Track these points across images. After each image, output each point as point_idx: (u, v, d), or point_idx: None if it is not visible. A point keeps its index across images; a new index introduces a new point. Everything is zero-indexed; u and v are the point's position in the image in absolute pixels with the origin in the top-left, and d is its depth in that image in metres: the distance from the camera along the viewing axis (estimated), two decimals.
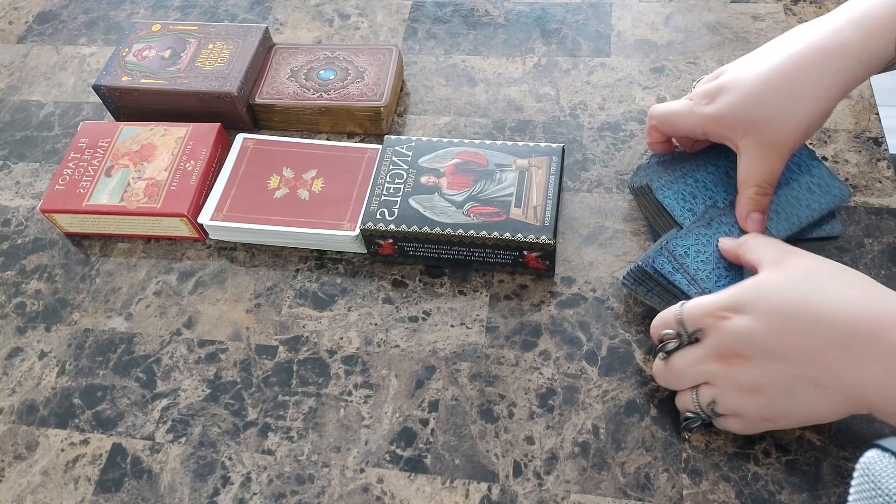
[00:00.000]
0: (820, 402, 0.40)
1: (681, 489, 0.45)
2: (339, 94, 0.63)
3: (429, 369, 0.51)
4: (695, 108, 0.49)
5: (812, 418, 0.42)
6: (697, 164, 0.53)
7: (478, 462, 0.47)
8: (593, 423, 0.48)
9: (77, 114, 0.70)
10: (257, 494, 0.47)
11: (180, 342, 0.54)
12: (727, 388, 0.43)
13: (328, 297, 0.55)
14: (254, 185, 0.59)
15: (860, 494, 0.35)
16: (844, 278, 0.41)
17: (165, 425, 0.51)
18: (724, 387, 0.43)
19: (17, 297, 0.58)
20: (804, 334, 0.39)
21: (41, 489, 0.49)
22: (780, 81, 0.45)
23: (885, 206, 0.55)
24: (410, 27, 0.72)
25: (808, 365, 0.39)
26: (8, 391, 0.53)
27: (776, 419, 0.43)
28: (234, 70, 0.64)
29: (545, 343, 0.52)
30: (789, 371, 0.40)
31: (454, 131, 0.64)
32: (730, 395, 0.43)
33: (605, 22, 0.70)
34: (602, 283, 0.54)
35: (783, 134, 0.46)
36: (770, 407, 0.42)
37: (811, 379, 0.40)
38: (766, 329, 0.40)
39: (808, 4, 0.68)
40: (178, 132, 0.62)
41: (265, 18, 0.75)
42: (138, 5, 0.78)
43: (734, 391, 0.42)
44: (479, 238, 0.52)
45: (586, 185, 0.59)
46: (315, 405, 0.51)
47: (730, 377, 0.42)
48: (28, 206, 0.64)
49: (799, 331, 0.39)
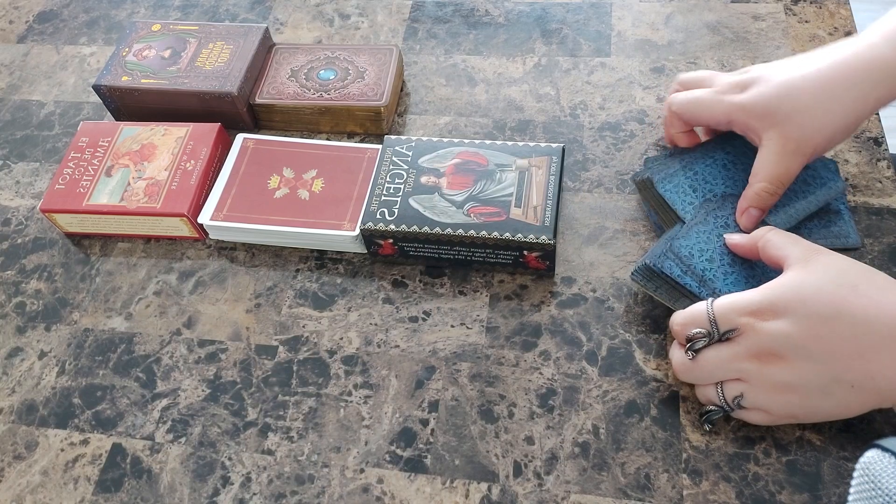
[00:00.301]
0: (853, 401, 0.41)
1: (681, 489, 0.45)
2: (340, 94, 0.63)
3: (429, 369, 0.51)
4: (723, 96, 0.49)
5: (840, 415, 0.42)
6: (696, 156, 0.53)
7: (478, 462, 0.47)
8: (593, 423, 0.48)
9: (77, 113, 0.70)
10: (257, 494, 0.47)
11: (180, 342, 0.54)
12: (760, 386, 0.42)
13: (328, 297, 0.55)
14: (254, 185, 0.59)
15: (860, 494, 0.35)
16: (876, 280, 0.41)
17: (165, 425, 0.51)
18: (756, 385, 0.43)
19: (17, 296, 0.58)
20: (843, 338, 0.40)
21: (41, 489, 0.49)
22: (816, 81, 0.46)
23: (885, 206, 0.55)
24: (411, 27, 0.72)
25: (846, 367, 0.40)
26: (7, 391, 0.53)
27: (804, 416, 0.43)
28: (234, 70, 0.64)
29: (545, 343, 0.52)
30: (826, 373, 0.40)
31: (454, 131, 0.64)
32: (761, 392, 0.43)
33: (606, 22, 0.70)
34: (602, 283, 0.54)
35: (809, 132, 0.46)
36: (801, 406, 0.42)
37: (847, 381, 0.40)
38: (806, 333, 0.40)
39: (809, 4, 0.68)
40: (179, 132, 0.62)
41: (265, 18, 0.75)
42: (138, 5, 0.78)
43: (766, 389, 0.42)
44: (480, 238, 0.52)
45: (586, 185, 0.59)
46: (315, 405, 0.50)
47: (764, 376, 0.42)
48: (28, 206, 0.64)
49: (838, 335, 0.40)
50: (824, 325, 0.40)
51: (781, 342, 0.41)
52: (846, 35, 0.66)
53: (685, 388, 0.49)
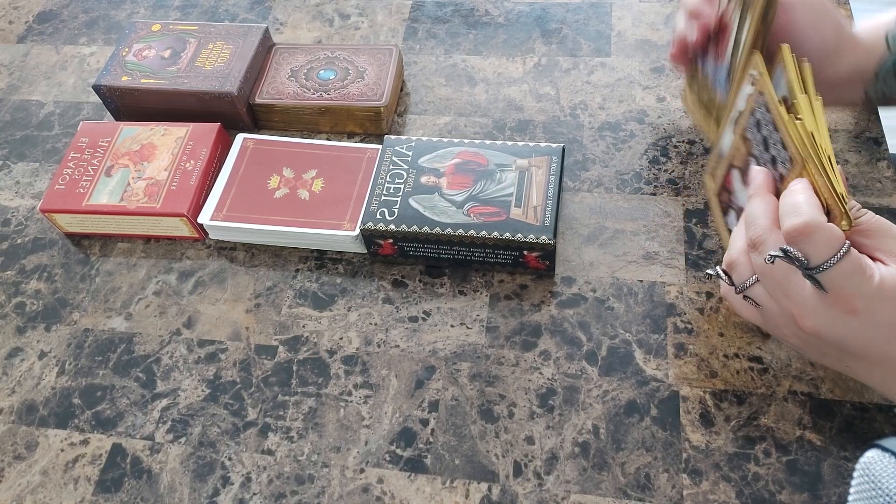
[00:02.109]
0: (857, 368, 0.41)
1: (681, 489, 0.45)
2: (340, 94, 0.63)
3: (429, 369, 0.51)
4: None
5: (832, 367, 0.43)
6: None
7: (478, 462, 0.47)
8: (593, 423, 0.48)
9: (77, 113, 0.70)
10: (257, 494, 0.47)
11: (180, 342, 0.54)
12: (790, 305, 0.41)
13: (328, 297, 0.55)
14: (254, 184, 0.59)
15: (860, 494, 0.35)
16: None
17: (165, 425, 0.51)
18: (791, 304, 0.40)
19: (17, 296, 0.58)
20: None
21: (41, 489, 0.49)
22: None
23: (885, 205, 0.55)
24: (410, 27, 0.72)
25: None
26: (8, 391, 0.53)
27: (801, 346, 0.42)
28: (234, 70, 0.64)
29: (545, 343, 0.52)
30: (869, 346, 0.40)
31: (454, 131, 0.64)
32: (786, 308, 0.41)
33: (606, 22, 0.70)
34: (602, 283, 0.54)
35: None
36: (809, 343, 0.41)
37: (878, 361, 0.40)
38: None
39: None
40: (178, 132, 0.62)
41: (265, 18, 0.75)
42: (138, 5, 0.78)
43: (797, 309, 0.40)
44: (480, 238, 0.52)
45: (586, 185, 0.59)
46: (315, 405, 0.50)
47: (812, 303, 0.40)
48: (28, 206, 0.64)
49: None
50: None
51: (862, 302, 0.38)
52: None
53: (685, 387, 0.49)
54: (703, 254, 0.55)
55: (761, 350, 0.50)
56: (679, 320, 0.52)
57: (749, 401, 0.48)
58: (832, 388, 0.48)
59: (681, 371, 0.49)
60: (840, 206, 0.38)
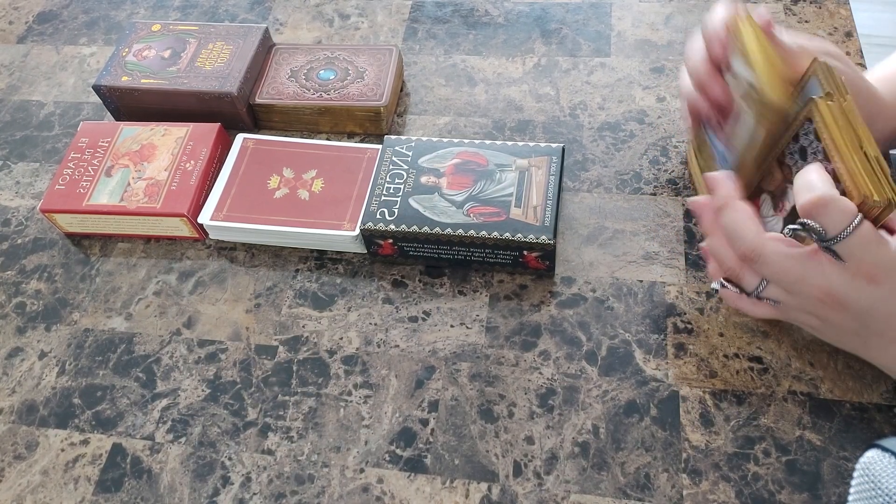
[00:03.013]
0: (873, 346, 0.43)
1: (681, 489, 0.45)
2: (339, 94, 0.63)
3: (429, 369, 0.51)
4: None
5: (845, 346, 0.45)
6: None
7: (478, 462, 0.47)
8: (593, 423, 0.48)
9: (77, 114, 0.70)
10: (257, 494, 0.47)
11: (180, 342, 0.54)
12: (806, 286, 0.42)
13: (328, 298, 0.55)
14: (254, 185, 0.59)
15: (860, 494, 0.35)
16: None
17: (165, 425, 0.51)
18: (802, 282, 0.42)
19: (17, 296, 0.58)
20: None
21: (41, 489, 0.49)
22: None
23: None
24: (410, 27, 0.72)
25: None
26: (8, 391, 0.53)
27: (819, 329, 0.44)
28: (234, 70, 0.64)
29: (545, 343, 0.52)
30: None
31: (454, 131, 0.64)
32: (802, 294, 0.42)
33: (605, 22, 0.70)
34: (602, 283, 0.54)
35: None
36: (828, 323, 0.43)
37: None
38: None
39: (808, 4, 0.68)
40: (178, 132, 0.62)
41: (265, 18, 0.75)
42: (138, 5, 0.78)
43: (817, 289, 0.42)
44: (479, 238, 0.52)
45: (586, 185, 0.59)
46: (315, 405, 0.51)
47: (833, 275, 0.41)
48: (28, 206, 0.64)
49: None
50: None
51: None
52: (846, 35, 0.66)
53: (685, 387, 0.49)
54: (703, 254, 0.55)
55: (761, 350, 0.50)
56: (679, 320, 0.52)
57: (749, 401, 0.48)
58: (832, 388, 0.48)
59: (680, 371, 0.49)
60: (867, 190, 0.39)
